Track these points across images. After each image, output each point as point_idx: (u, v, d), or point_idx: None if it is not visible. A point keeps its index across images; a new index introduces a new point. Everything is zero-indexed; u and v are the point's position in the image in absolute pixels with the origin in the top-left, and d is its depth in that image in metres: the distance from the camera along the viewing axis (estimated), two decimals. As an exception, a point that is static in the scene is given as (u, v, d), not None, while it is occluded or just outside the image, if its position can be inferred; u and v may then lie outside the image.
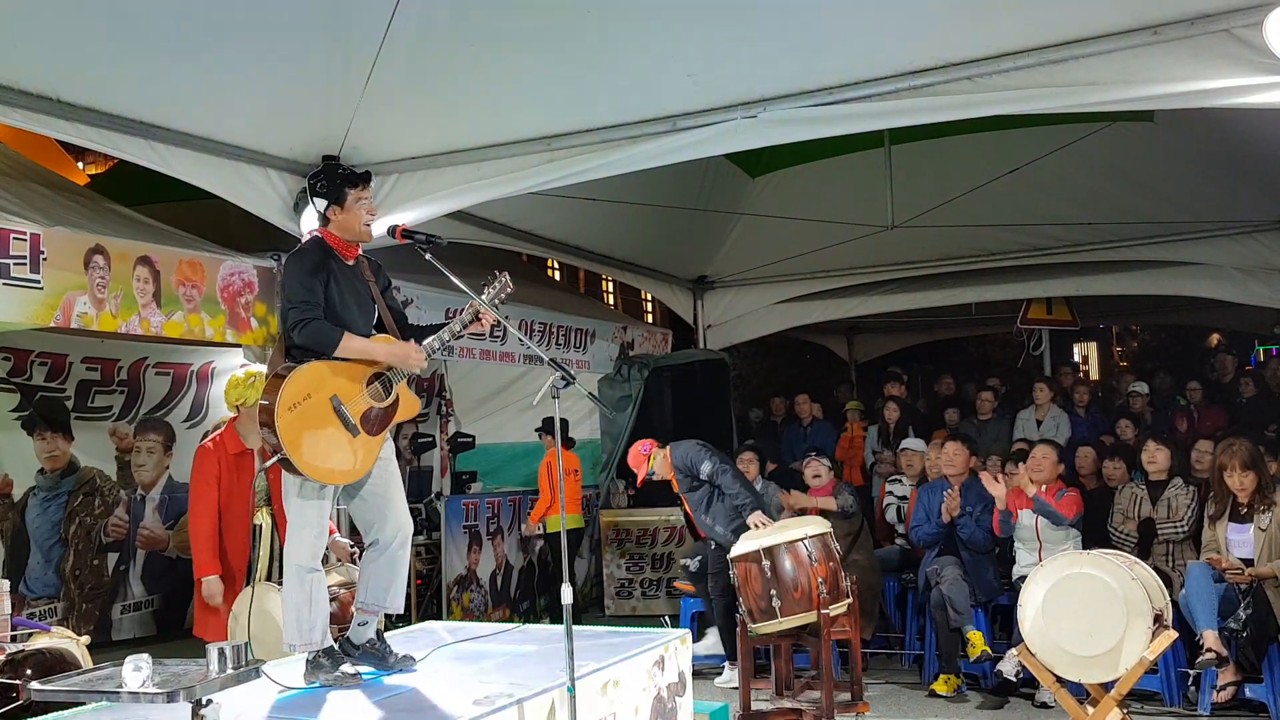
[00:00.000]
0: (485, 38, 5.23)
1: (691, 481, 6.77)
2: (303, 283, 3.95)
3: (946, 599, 6.53)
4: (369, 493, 4.12)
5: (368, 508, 4.15)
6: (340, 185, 4.14)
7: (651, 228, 9.25)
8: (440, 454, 10.07)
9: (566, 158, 6.02)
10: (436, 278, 4.40)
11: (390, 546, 4.15)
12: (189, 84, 5.23)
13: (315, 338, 3.89)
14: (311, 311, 3.90)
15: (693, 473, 6.73)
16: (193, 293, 5.87)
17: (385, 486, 4.15)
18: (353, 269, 4.17)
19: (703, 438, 6.95)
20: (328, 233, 4.15)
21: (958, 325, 14.96)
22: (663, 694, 4.45)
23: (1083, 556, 5.20)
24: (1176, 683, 6.10)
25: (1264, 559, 5.79)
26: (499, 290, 4.28)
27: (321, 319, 3.91)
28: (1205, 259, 9.44)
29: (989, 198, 8.56)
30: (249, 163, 5.98)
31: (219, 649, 2.95)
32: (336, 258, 4.10)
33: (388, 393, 4.07)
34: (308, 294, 3.93)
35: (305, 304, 3.90)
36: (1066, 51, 4.89)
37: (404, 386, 4.15)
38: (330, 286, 4.00)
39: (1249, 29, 4.45)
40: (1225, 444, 6.12)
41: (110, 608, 8.71)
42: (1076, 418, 9.45)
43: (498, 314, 4.19)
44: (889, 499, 8.23)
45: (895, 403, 10.13)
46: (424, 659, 4.32)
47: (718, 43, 5.25)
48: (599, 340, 10.22)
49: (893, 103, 5.31)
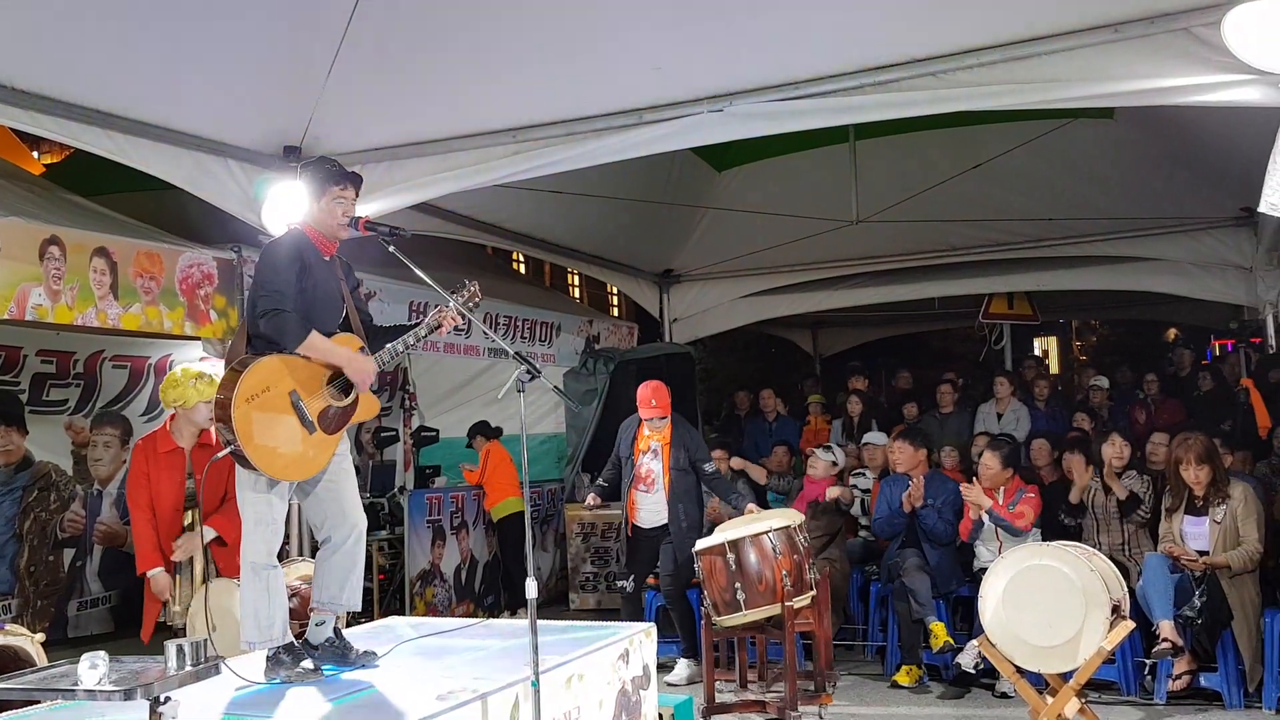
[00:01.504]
0: (450, 28, 5.19)
1: (687, 461, 6.89)
2: (277, 271, 3.91)
3: (908, 590, 6.59)
4: (323, 490, 4.08)
5: (321, 505, 4.11)
6: (323, 179, 4.11)
7: (618, 221, 9.23)
8: (403, 448, 10.01)
9: (532, 150, 6.00)
10: (400, 270, 4.37)
11: (344, 544, 4.12)
12: (148, 72, 5.15)
13: (281, 330, 3.85)
14: (282, 303, 3.85)
15: (694, 458, 6.86)
16: (151, 285, 5.79)
17: (339, 483, 4.11)
18: (328, 265, 4.13)
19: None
20: (307, 225, 4.12)
21: (921, 320, 15.08)
22: (627, 687, 4.45)
23: (1042, 548, 5.26)
24: (1133, 672, 6.19)
25: (1218, 550, 5.88)
26: (468, 299, 4.24)
27: (291, 312, 3.86)
28: (1163, 255, 9.57)
29: (952, 193, 8.63)
30: (209, 153, 5.89)
31: (177, 646, 2.91)
32: (314, 251, 4.06)
33: (347, 393, 4.03)
34: (281, 283, 3.88)
35: (278, 294, 3.86)
36: (1029, 48, 4.93)
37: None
38: (305, 281, 3.96)
39: (1207, 28, 4.50)
40: (1181, 438, 6.21)
41: (66, 604, 8.58)
42: (1037, 411, 9.54)
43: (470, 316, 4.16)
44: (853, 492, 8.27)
45: (858, 396, 10.19)
46: (386, 654, 4.30)
47: (685, 36, 5.24)
48: (564, 334, 10.19)
49: (858, 98, 5.34)
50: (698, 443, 7.08)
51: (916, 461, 7.09)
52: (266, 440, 3.78)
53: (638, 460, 7.02)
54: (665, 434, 6.99)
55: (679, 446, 6.93)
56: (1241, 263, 9.25)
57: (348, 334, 4.11)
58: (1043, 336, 24.00)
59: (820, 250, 9.91)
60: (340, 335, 4.07)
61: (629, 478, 7.04)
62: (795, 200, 9.00)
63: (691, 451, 6.95)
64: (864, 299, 11.43)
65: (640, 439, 7.05)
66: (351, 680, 3.98)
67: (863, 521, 7.97)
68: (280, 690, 3.83)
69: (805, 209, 9.00)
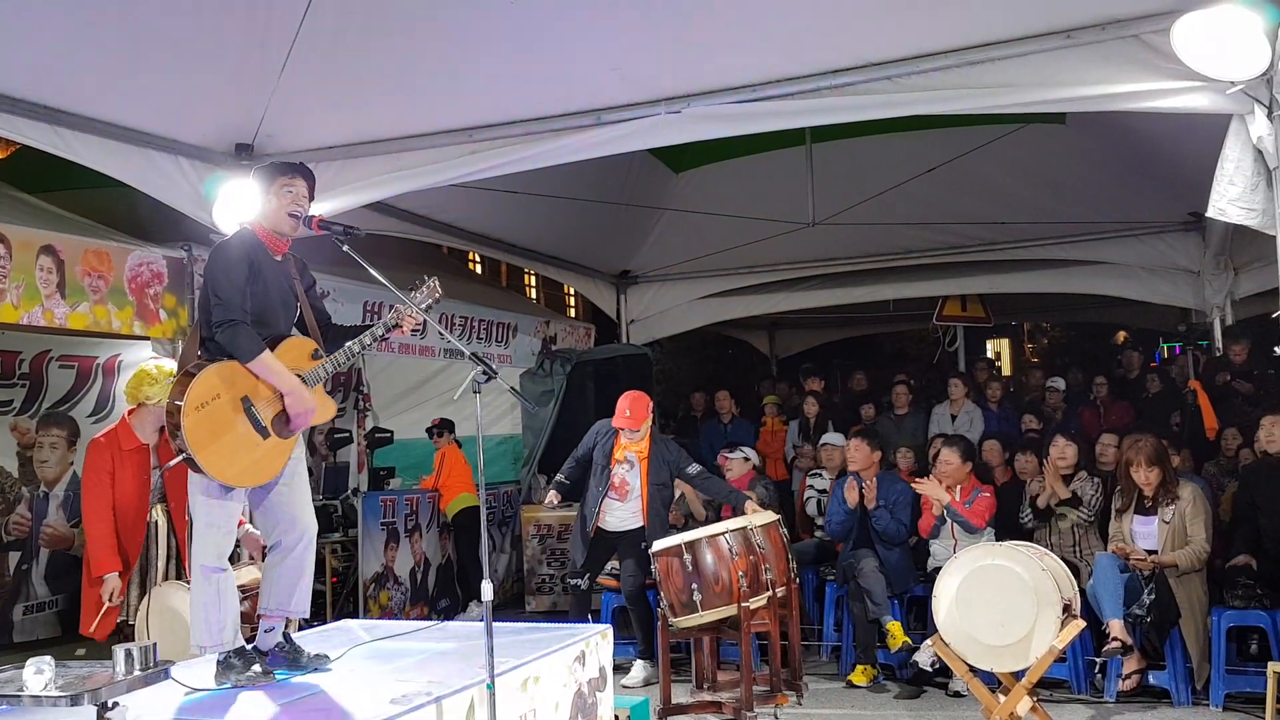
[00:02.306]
0: (406, 26, 5.15)
1: (668, 475, 6.96)
2: (229, 276, 3.84)
3: (864, 591, 6.63)
4: (276, 495, 4.03)
5: (272, 509, 4.05)
6: (271, 171, 4.05)
7: (575, 222, 9.22)
8: (357, 450, 9.93)
9: (488, 150, 5.97)
10: (354, 270, 4.33)
11: (295, 549, 4.06)
12: (97, 68, 5.07)
13: (235, 343, 3.79)
14: (237, 314, 3.79)
15: (676, 471, 6.93)
16: (99, 283, 5.70)
17: (291, 488, 4.06)
18: (280, 265, 4.07)
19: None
20: (257, 225, 4.06)
21: (876, 321, 15.22)
22: (583, 689, 4.44)
23: (995, 548, 5.31)
24: (1084, 670, 6.27)
25: (1167, 549, 5.97)
26: (428, 295, 4.18)
27: (246, 324, 3.80)
28: (1114, 259, 9.73)
29: (907, 197, 8.71)
30: (159, 150, 5.81)
31: (125, 650, 2.87)
32: (263, 251, 4.00)
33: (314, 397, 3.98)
34: (234, 292, 3.81)
35: (232, 304, 3.80)
36: (982, 54, 4.99)
37: (319, 389, 4.06)
38: (256, 284, 3.90)
39: (1157, 35, 4.58)
40: (1131, 440, 6.30)
41: (11, 608, 8.40)
42: (989, 412, 9.65)
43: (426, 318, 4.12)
44: (809, 492, 8.31)
45: (815, 397, 10.24)
46: (339, 658, 4.25)
47: (642, 38, 5.24)
48: (521, 334, 10.16)
49: (814, 101, 5.37)
50: (678, 454, 7.05)
51: (871, 462, 7.15)
52: (219, 447, 3.72)
53: (613, 469, 7.01)
54: (643, 447, 6.97)
55: (659, 461, 6.94)
56: (1190, 266, 9.43)
57: (301, 338, 4.05)
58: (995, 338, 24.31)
59: (777, 252, 9.96)
60: (292, 340, 4.02)
61: (603, 484, 7.01)
62: (752, 202, 9.04)
63: (673, 465, 6.97)
64: (820, 301, 11.51)
65: (618, 448, 7.03)
66: (303, 684, 3.93)
67: (818, 522, 8.01)
68: (231, 695, 3.78)
69: (762, 211, 9.04)
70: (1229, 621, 5.89)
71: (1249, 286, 9.16)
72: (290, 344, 4.00)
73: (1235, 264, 9.16)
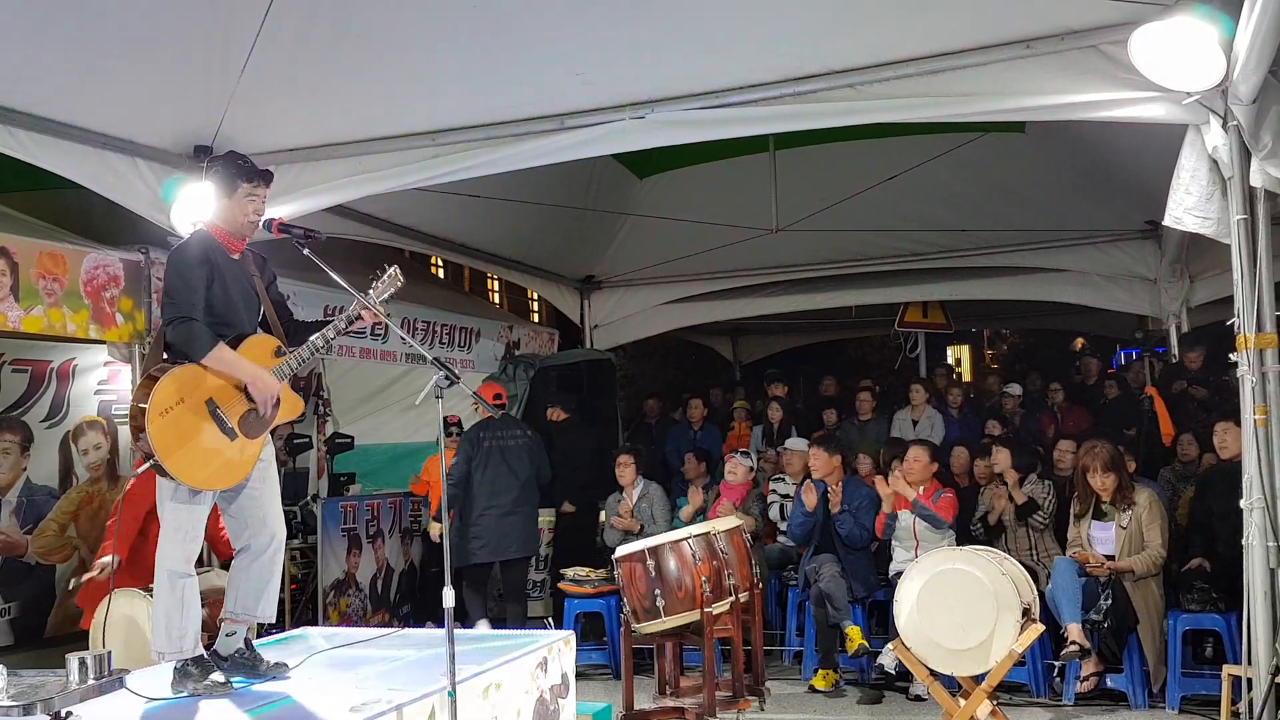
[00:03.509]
0: (369, 28, 5.11)
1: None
2: (183, 277, 3.83)
3: (825, 595, 6.66)
4: (245, 497, 3.99)
5: (242, 512, 4.01)
6: (233, 175, 4.01)
7: (538, 226, 9.19)
8: (317, 455, 9.82)
9: (452, 154, 5.94)
10: (315, 274, 4.28)
11: (264, 554, 4.03)
12: (53, 68, 4.98)
13: (187, 340, 3.76)
14: (189, 311, 3.76)
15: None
16: (54, 286, 5.61)
17: (261, 491, 4.03)
18: (238, 263, 4.05)
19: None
20: (214, 225, 4.02)
21: (838, 328, 15.30)
22: (545, 696, 4.42)
23: (956, 552, 5.35)
24: (1043, 674, 6.33)
25: (1124, 554, 6.05)
26: (388, 284, 4.15)
27: (198, 321, 3.77)
28: (1072, 266, 9.83)
29: (869, 203, 8.76)
30: (116, 151, 5.72)
31: (79, 658, 2.82)
32: (221, 252, 3.98)
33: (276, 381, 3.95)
34: (188, 291, 3.80)
35: (185, 302, 3.77)
36: (944, 62, 5.04)
37: (285, 387, 4.04)
38: (214, 282, 3.87)
39: (1115, 46, 4.65)
40: (1088, 446, 6.37)
41: (-38, 617, 8.24)
42: (950, 418, 9.72)
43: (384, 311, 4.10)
44: (772, 497, 8.33)
45: (778, 403, 10.28)
46: (298, 666, 4.20)
47: (607, 42, 5.24)
48: (484, 339, 10.11)
49: (777, 107, 5.40)
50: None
51: (832, 468, 7.19)
52: (186, 451, 3.68)
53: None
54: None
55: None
56: (1146, 274, 9.55)
57: (264, 335, 4.02)
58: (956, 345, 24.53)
59: (741, 258, 9.99)
60: (255, 338, 3.98)
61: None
62: (716, 208, 9.06)
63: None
64: (783, 306, 11.54)
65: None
66: (263, 692, 3.89)
67: (781, 527, 8.03)
68: (189, 704, 3.73)
69: (726, 217, 9.06)
70: (1185, 625, 5.97)
71: (1204, 294, 9.29)
72: (253, 341, 3.97)
73: (1191, 272, 9.28)
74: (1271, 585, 4.45)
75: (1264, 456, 4.49)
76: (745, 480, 7.84)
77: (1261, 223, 4.56)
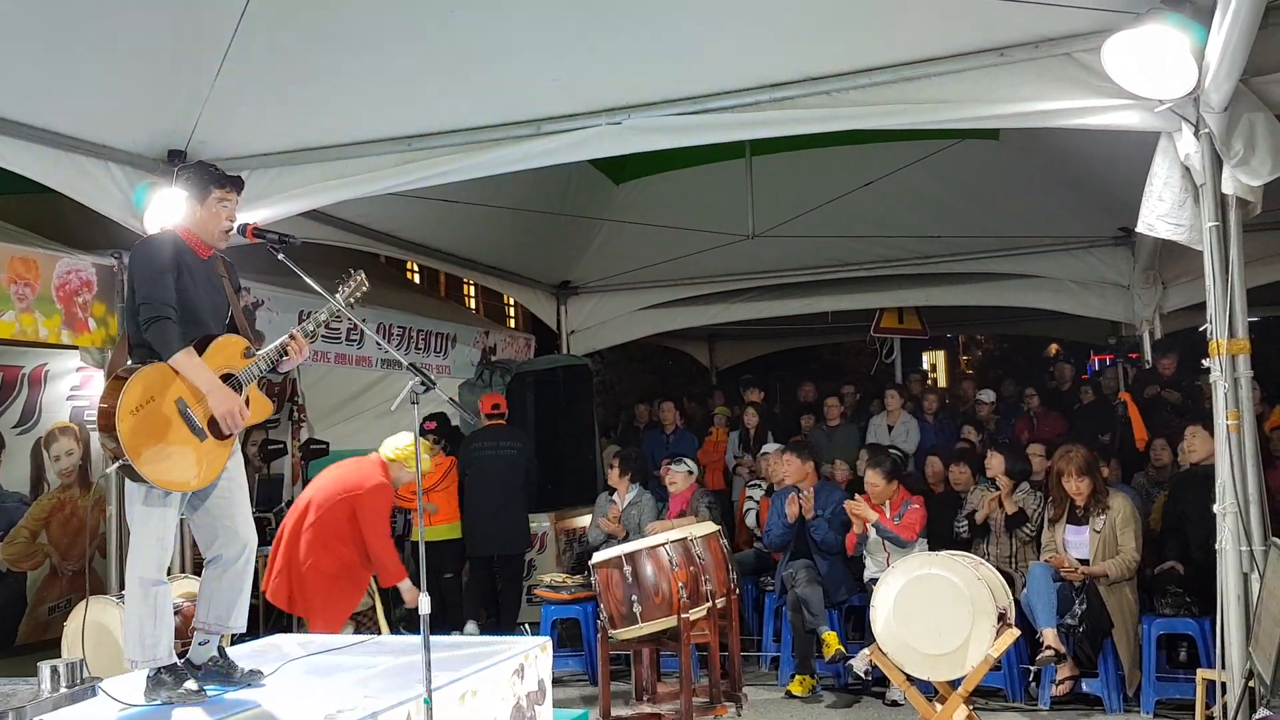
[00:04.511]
0: (343, 33, 5.10)
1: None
2: (154, 277, 3.79)
3: (801, 601, 6.66)
4: (213, 503, 3.95)
5: (211, 519, 3.97)
6: (205, 181, 3.99)
7: (515, 232, 9.17)
8: (292, 461, 9.76)
9: (426, 159, 5.92)
10: (289, 279, 4.27)
11: (235, 564, 3.99)
12: (24, 71, 4.94)
13: (163, 340, 3.74)
14: (164, 311, 3.74)
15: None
16: (26, 291, 5.56)
17: (230, 497, 3.99)
18: (206, 265, 4.03)
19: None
20: (184, 229, 4.00)
21: (814, 333, 15.35)
22: (522, 703, 4.40)
23: (932, 558, 5.37)
24: (1019, 679, 6.35)
25: (1098, 559, 6.08)
26: (354, 289, 4.20)
27: (173, 322, 3.75)
28: (1046, 272, 9.90)
29: (845, 210, 8.79)
30: (88, 155, 5.67)
31: (51, 666, 2.79)
32: (189, 253, 3.95)
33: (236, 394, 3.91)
34: (160, 291, 3.77)
35: (159, 301, 3.75)
36: (919, 69, 5.06)
37: (254, 388, 4.02)
38: (183, 283, 3.85)
39: (1088, 54, 4.68)
40: (1062, 451, 6.40)
41: (-68, 624, 8.15)
42: (925, 424, 9.77)
43: (354, 315, 4.11)
44: (748, 503, 8.35)
45: (754, 408, 10.30)
46: (273, 673, 4.17)
47: (584, 48, 5.24)
48: (460, 345, 10.07)
49: (753, 114, 5.41)
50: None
51: (805, 474, 7.20)
52: (156, 452, 3.64)
53: None
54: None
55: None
56: (1120, 281, 9.63)
57: (233, 337, 3.99)
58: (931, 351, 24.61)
59: (717, 264, 10.00)
60: (223, 338, 3.95)
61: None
62: (693, 214, 9.07)
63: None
64: (760, 312, 11.57)
65: None
66: (236, 700, 3.85)
67: (757, 533, 8.04)
68: (163, 712, 3.69)
69: (702, 223, 9.07)
70: (1159, 629, 6.00)
71: (1177, 300, 9.39)
72: (222, 343, 3.94)
73: (1164, 278, 9.38)
74: (1244, 590, 4.49)
75: (1236, 461, 4.53)
76: (687, 486, 7.74)
77: (1233, 229, 4.60)
